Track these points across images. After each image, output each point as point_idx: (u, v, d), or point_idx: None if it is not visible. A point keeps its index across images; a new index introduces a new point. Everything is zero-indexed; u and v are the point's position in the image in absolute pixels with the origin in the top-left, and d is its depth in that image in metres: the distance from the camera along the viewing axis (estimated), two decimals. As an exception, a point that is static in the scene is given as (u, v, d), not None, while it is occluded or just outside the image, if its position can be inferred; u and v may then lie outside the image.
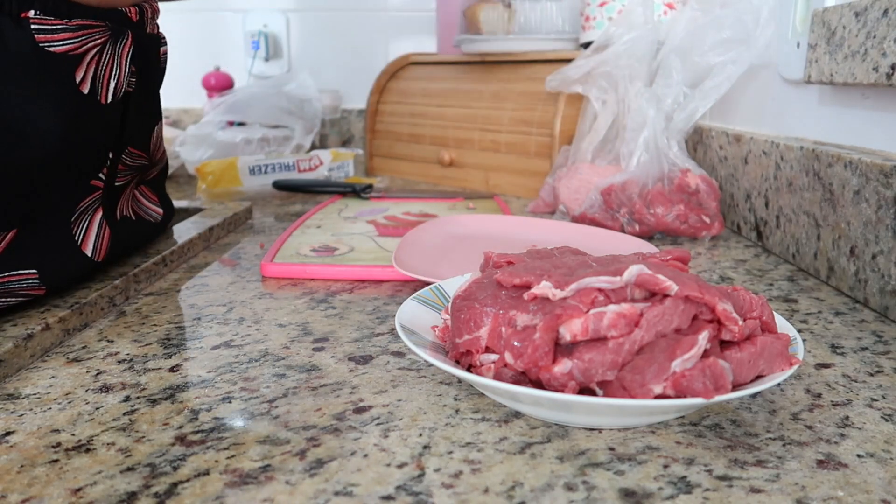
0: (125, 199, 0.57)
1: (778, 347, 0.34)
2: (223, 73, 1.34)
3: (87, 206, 0.51)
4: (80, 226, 0.50)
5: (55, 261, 0.47)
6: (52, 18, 0.43)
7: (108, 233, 0.52)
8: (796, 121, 0.69)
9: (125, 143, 0.54)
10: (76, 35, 0.45)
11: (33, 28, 0.42)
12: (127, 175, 0.57)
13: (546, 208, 0.85)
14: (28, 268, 0.45)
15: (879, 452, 0.32)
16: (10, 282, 0.44)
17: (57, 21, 0.44)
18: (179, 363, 0.42)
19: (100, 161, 0.51)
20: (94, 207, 0.52)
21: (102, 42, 0.47)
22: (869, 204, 0.51)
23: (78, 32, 0.45)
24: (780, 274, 0.61)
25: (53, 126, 0.44)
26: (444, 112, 1.06)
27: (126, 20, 0.50)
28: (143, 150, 0.58)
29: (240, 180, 0.98)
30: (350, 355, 0.43)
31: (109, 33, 0.48)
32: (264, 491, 0.29)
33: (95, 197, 0.51)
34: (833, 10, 0.57)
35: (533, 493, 0.29)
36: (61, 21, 0.44)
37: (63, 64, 0.45)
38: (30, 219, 0.46)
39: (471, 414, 0.36)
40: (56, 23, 0.44)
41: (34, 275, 0.45)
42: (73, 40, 0.45)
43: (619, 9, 0.91)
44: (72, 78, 0.46)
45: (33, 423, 0.34)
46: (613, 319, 0.32)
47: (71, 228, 0.49)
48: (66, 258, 0.49)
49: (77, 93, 0.46)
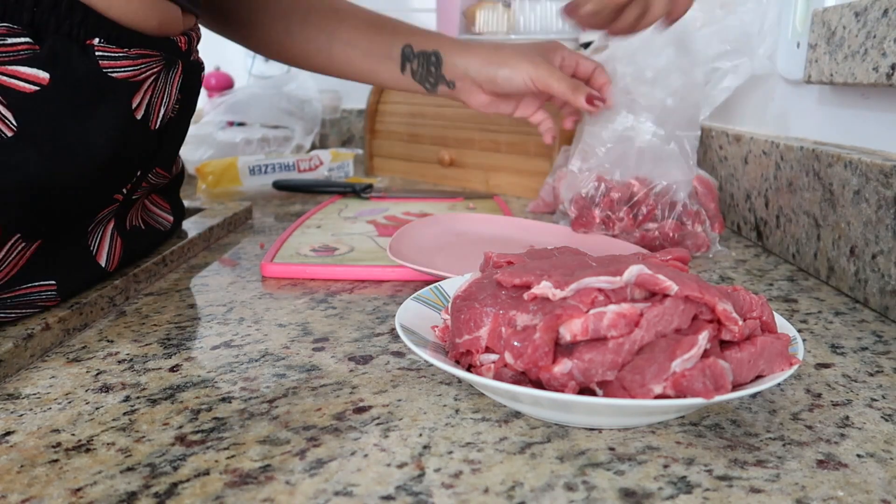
0: (135, 210, 0.58)
1: (778, 347, 0.34)
2: (223, 73, 1.35)
3: (103, 218, 0.52)
4: (95, 237, 0.51)
5: (72, 272, 0.48)
6: (114, 47, 0.45)
7: (120, 243, 0.54)
8: (796, 121, 0.69)
9: (155, 164, 0.56)
10: (136, 63, 0.47)
11: (98, 55, 0.44)
12: (145, 190, 0.58)
13: (546, 208, 0.85)
14: (48, 278, 0.46)
15: (879, 452, 0.32)
16: (31, 293, 0.45)
17: (119, 49, 0.45)
18: (179, 363, 0.42)
19: (128, 179, 0.52)
20: (108, 218, 0.53)
21: (158, 71, 0.49)
22: (869, 204, 0.51)
23: (137, 61, 0.47)
24: (780, 274, 0.61)
25: (104, 147, 0.46)
26: (443, 112, 1.06)
27: (176, 49, 0.52)
28: (167, 171, 0.59)
29: (240, 180, 0.99)
30: (350, 355, 0.43)
31: (164, 62, 0.50)
32: (264, 491, 0.29)
33: (112, 209, 0.52)
34: (833, 10, 0.57)
35: (533, 493, 0.29)
36: (122, 49, 0.45)
37: (123, 89, 0.46)
38: (55, 230, 0.46)
39: (471, 414, 0.36)
40: (118, 51, 0.45)
41: (52, 286, 0.46)
42: (133, 68, 0.46)
43: (619, 9, 0.91)
44: (129, 103, 0.47)
45: (33, 423, 0.34)
46: (613, 319, 0.32)
47: (87, 239, 0.50)
48: (83, 269, 0.50)
49: (131, 118, 0.48)
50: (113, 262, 0.52)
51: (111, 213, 0.53)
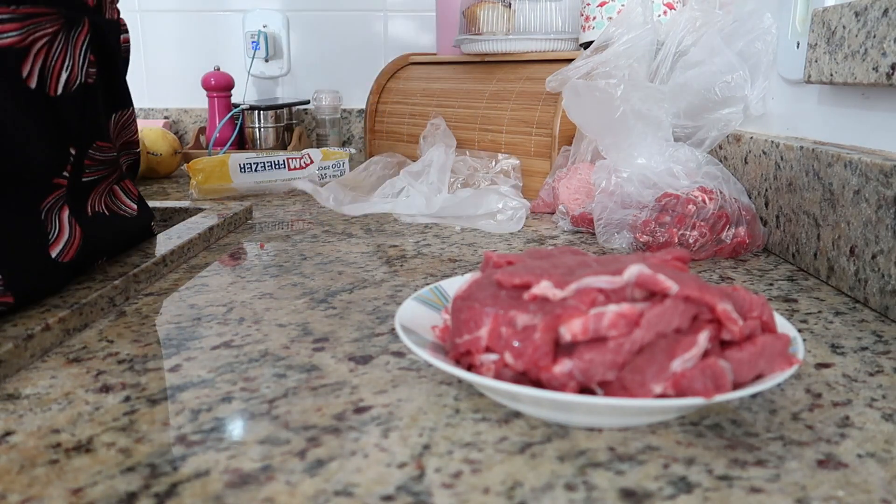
0: (97, 194, 0.54)
1: (778, 347, 0.34)
2: (223, 73, 1.34)
3: (52, 205, 0.48)
4: (47, 226, 0.48)
5: (19, 264, 0.45)
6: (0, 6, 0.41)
7: (79, 231, 0.50)
8: (796, 121, 0.69)
9: (91, 137, 0.51)
10: (23, 25, 0.42)
11: None
12: (98, 170, 0.54)
13: (546, 208, 0.85)
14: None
15: (879, 452, 0.32)
16: None
17: (3, 9, 0.41)
18: (179, 363, 0.42)
19: (61, 158, 0.48)
20: (60, 206, 0.49)
21: (53, 31, 0.44)
22: (869, 204, 0.51)
23: (26, 22, 0.42)
24: (780, 274, 0.61)
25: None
26: (444, 112, 1.06)
27: (82, 6, 0.47)
28: (107, 141, 0.55)
29: (230, 177, 0.99)
30: (350, 355, 0.43)
31: (62, 21, 0.45)
32: (264, 491, 0.29)
33: (59, 195, 0.49)
34: (833, 9, 0.57)
35: (533, 493, 0.29)
36: (8, 9, 0.41)
37: (10, 58, 0.42)
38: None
39: (471, 414, 0.36)
40: (3, 11, 0.41)
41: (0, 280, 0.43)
42: (19, 32, 0.42)
43: (619, 9, 0.91)
44: (18, 72, 0.43)
45: (33, 423, 0.34)
46: (613, 319, 0.32)
47: (35, 229, 0.47)
48: (31, 261, 0.46)
49: (23, 87, 0.43)
50: (69, 252, 0.48)
51: (61, 200, 0.49)
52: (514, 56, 1.01)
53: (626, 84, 0.73)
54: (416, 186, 0.86)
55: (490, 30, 0.99)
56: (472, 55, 1.07)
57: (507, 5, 0.98)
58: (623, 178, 0.71)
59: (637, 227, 0.67)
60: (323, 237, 0.74)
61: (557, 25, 0.98)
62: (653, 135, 0.72)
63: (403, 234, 0.76)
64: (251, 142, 1.34)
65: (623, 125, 0.71)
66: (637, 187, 0.70)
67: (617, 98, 0.72)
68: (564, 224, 0.78)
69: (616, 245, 0.69)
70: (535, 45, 0.99)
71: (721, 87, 0.75)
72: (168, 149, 1.16)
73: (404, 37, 1.44)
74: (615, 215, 0.69)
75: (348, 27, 1.45)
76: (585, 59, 0.84)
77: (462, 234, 0.75)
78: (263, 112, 1.32)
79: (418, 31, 1.43)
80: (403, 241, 0.72)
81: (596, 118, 0.74)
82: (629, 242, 0.68)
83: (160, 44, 1.46)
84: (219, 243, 0.71)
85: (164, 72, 1.47)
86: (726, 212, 0.65)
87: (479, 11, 1.00)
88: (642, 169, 0.71)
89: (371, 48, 1.46)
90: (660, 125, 0.72)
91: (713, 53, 0.76)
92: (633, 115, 0.71)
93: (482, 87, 1.03)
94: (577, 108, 0.75)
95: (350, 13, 1.44)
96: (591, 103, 0.73)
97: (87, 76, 0.49)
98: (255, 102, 1.33)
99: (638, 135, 0.72)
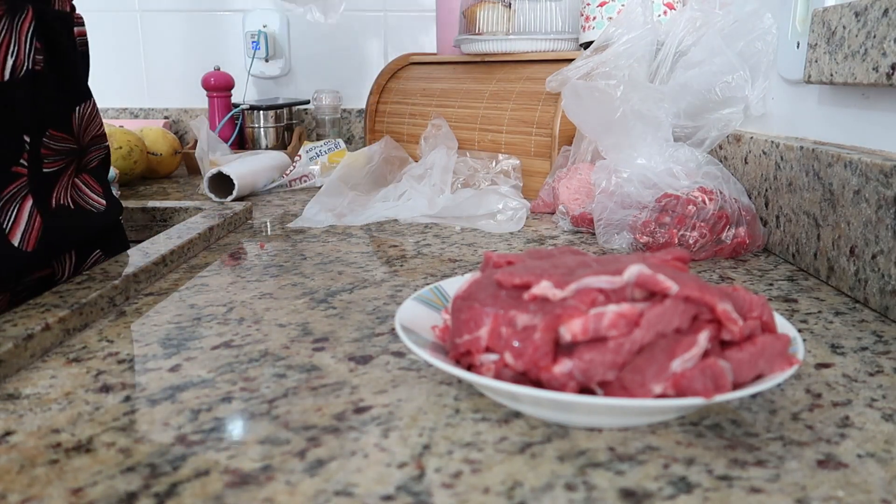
0: (61, 187, 0.55)
1: (778, 347, 0.34)
2: (223, 73, 1.34)
3: (14, 194, 0.49)
4: (8, 215, 0.49)
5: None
6: None
7: (39, 221, 0.51)
8: (796, 121, 0.69)
9: (44, 125, 0.52)
10: None
11: None
12: (58, 160, 0.55)
13: (546, 208, 0.85)
14: None
15: (879, 452, 0.32)
16: None
17: None
18: (179, 363, 0.42)
19: (15, 145, 0.49)
20: (22, 195, 0.50)
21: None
22: (869, 204, 0.51)
23: None
24: (780, 274, 0.61)
25: None
26: (444, 112, 1.06)
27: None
28: (66, 132, 0.56)
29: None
30: (350, 355, 0.43)
31: (4, 7, 0.46)
32: (264, 491, 0.29)
33: (21, 184, 0.50)
34: (833, 9, 0.57)
35: (533, 493, 0.29)
36: None
37: None
38: None
39: (471, 414, 0.36)
40: None
41: None
42: None
43: (619, 9, 0.91)
44: None
45: (33, 423, 0.34)
46: (613, 319, 0.32)
47: None
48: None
49: None
50: (29, 241, 0.50)
51: (23, 189, 0.50)
52: (514, 56, 1.01)
53: (626, 84, 0.73)
54: (419, 188, 0.86)
55: (490, 30, 0.99)
56: (472, 55, 1.07)
57: (507, 5, 0.98)
58: (623, 179, 0.71)
59: (637, 228, 0.67)
60: (323, 237, 0.74)
61: (557, 25, 0.98)
62: (653, 135, 0.72)
63: (403, 234, 0.76)
64: (251, 142, 1.34)
65: (623, 125, 0.71)
66: (637, 188, 0.70)
67: (617, 98, 0.72)
68: (564, 224, 0.78)
69: (616, 245, 0.69)
70: (535, 45, 0.99)
71: (721, 87, 0.75)
72: (168, 149, 1.16)
73: (404, 37, 1.44)
74: (615, 215, 0.70)
75: (348, 27, 1.45)
76: (585, 60, 0.84)
77: (462, 234, 0.75)
78: (263, 112, 1.32)
79: (418, 31, 1.43)
80: (403, 241, 0.72)
81: (596, 118, 0.74)
82: (629, 243, 0.68)
83: (160, 44, 1.46)
84: (219, 243, 0.71)
85: (164, 72, 1.47)
86: (726, 212, 0.65)
87: (479, 11, 1.00)
88: (642, 169, 0.71)
89: (371, 48, 1.46)
90: (660, 125, 0.72)
91: (713, 53, 0.76)
92: (633, 115, 0.71)
93: (482, 87, 1.03)
94: (577, 109, 0.75)
95: (350, 13, 1.45)
96: (590, 104, 0.73)
97: (34, 63, 0.50)
98: (255, 102, 1.34)
99: (638, 135, 0.72)
